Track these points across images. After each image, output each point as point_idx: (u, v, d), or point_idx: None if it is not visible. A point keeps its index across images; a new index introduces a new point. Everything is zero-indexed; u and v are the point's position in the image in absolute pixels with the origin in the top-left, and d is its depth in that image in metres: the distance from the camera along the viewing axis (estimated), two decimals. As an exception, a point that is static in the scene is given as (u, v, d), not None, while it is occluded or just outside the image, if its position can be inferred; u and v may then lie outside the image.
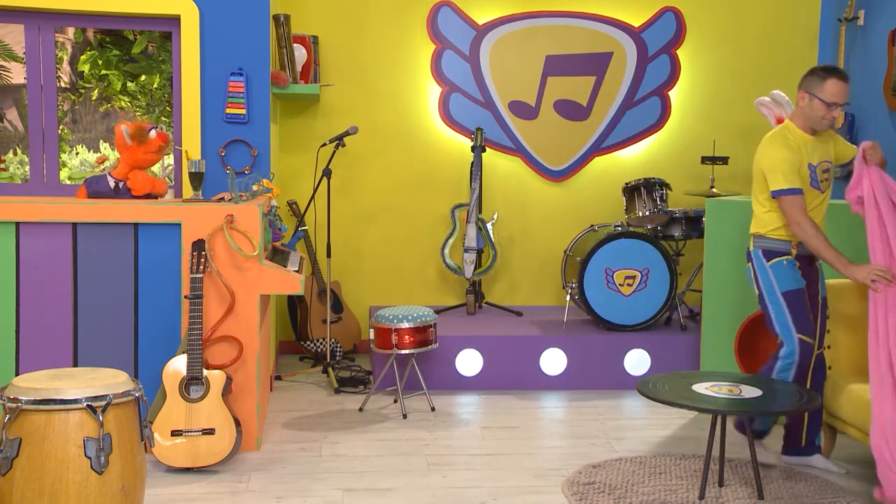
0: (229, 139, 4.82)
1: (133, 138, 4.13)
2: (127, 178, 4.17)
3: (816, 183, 3.85)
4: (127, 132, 4.13)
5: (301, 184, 5.82)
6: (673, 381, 3.60)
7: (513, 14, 5.99)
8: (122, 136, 4.13)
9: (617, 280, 5.29)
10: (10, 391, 2.75)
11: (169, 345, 3.98)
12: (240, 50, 4.79)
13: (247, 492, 3.54)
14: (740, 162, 5.96)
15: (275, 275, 3.96)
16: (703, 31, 6.11)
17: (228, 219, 3.90)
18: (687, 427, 4.49)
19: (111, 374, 2.94)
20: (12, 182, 5.10)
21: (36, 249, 3.92)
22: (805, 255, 3.91)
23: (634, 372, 5.21)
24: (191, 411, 3.70)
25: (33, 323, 3.93)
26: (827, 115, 3.77)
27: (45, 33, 4.79)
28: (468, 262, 5.73)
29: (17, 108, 11.76)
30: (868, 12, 5.42)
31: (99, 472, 2.72)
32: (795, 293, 3.84)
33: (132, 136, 4.12)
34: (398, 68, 5.97)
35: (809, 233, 3.72)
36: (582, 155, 6.11)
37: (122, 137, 4.13)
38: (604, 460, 3.94)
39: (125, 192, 4.17)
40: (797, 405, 3.36)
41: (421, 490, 3.59)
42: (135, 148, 4.14)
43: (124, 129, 4.14)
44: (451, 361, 5.11)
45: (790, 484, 3.68)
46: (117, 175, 4.18)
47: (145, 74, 9.85)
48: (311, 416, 4.60)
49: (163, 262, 3.99)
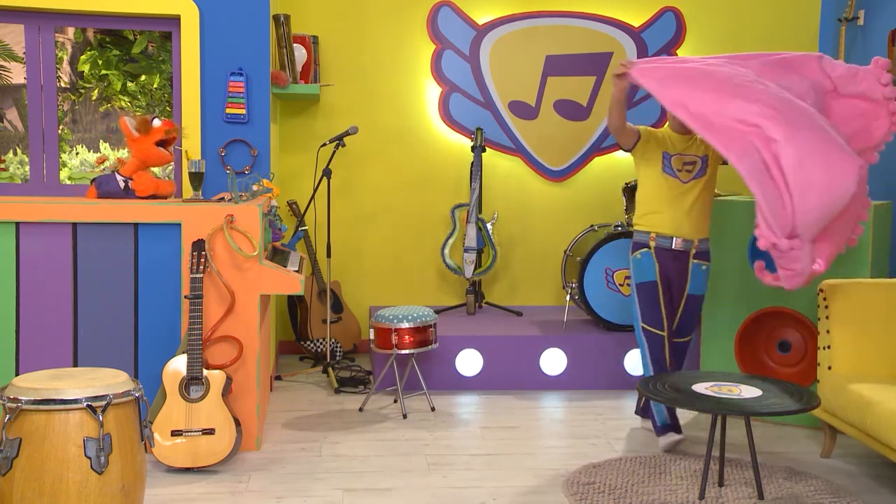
0: (229, 139, 4.82)
1: (139, 129, 4.12)
2: (132, 177, 4.16)
3: (671, 171, 4.13)
4: (132, 124, 4.13)
5: (301, 184, 5.82)
6: (673, 381, 3.60)
7: (513, 14, 5.99)
8: (129, 128, 4.12)
9: (617, 280, 5.29)
10: (10, 391, 2.75)
11: (169, 345, 3.98)
12: (240, 50, 4.79)
13: (247, 492, 3.54)
14: (740, 162, 5.96)
15: (275, 275, 3.96)
16: (703, 31, 6.11)
17: (228, 219, 3.90)
18: (687, 427, 4.49)
19: (111, 374, 2.94)
20: (12, 182, 5.10)
21: (36, 249, 3.92)
22: (666, 248, 4.12)
23: (634, 372, 5.21)
24: (191, 411, 3.70)
25: (33, 323, 3.93)
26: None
27: (45, 33, 4.79)
28: (468, 262, 5.73)
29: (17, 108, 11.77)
30: (868, 12, 5.41)
31: (99, 472, 2.72)
32: (646, 285, 4.16)
33: (137, 127, 4.12)
34: (398, 68, 5.97)
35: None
36: (582, 155, 6.11)
37: (129, 130, 4.12)
38: (604, 460, 3.94)
39: (133, 190, 4.16)
40: (797, 405, 3.36)
41: (421, 490, 3.59)
42: (141, 139, 4.13)
43: (129, 122, 4.14)
44: (451, 361, 5.11)
45: (790, 484, 3.68)
46: (126, 172, 4.17)
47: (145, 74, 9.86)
48: (311, 416, 4.60)
49: (163, 262, 3.99)
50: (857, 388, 3.71)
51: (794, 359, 4.55)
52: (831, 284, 4.05)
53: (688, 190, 4.13)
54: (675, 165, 4.13)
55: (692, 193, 4.13)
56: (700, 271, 4.19)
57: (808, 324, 4.43)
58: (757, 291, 4.56)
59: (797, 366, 4.54)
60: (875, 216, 4.33)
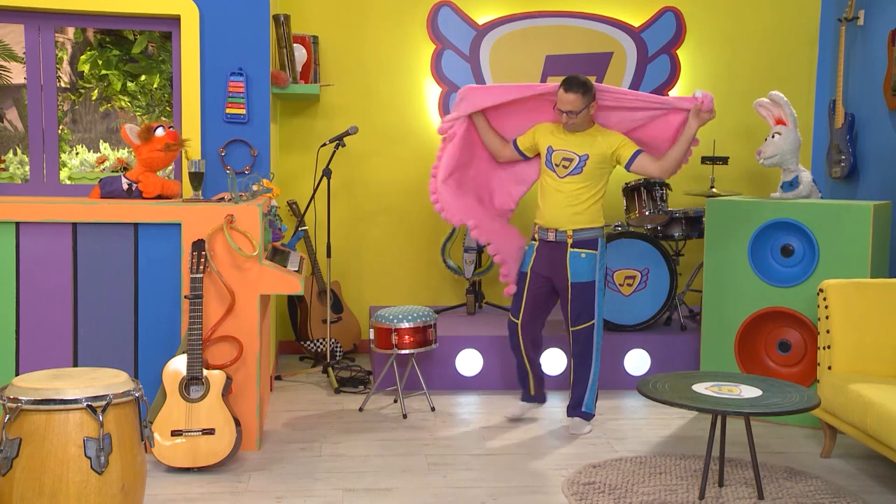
0: (229, 139, 4.82)
1: (140, 137, 4.14)
2: (139, 180, 4.18)
3: (551, 165, 4.34)
4: (133, 131, 4.15)
5: (301, 184, 5.82)
6: (673, 381, 3.60)
7: (513, 14, 5.99)
8: (129, 136, 4.15)
9: (617, 280, 5.29)
10: (10, 391, 2.75)
11: (169, 345, 3.98)
12: (240, 50, 4.79)
13: (247, 492, 3.54)
14: (740, 162, 5.96)
15: (275, 275, 3.96)
16: (703, 31, 6.11)
17: (228, 219, 3.90)
18: (687, 427, 4.49)
19: (111, 374, 2.94)
20: (12, 182, 5.09)
21: (36, 249, 3.92)
22: (544, 239, 4.34)
23: (634, 372, 5.21)
24: (191, 411, 3.70)
25: (33, 323, 3.93)
26: (561, 118, 4.26)
27: (45, 33, 4.79)
28: (468, 262, 5.73)
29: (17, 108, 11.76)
30: (868, 12, 5.41)
31: (99, 472, 2.72)
32: (519, 275, 4.47)
33: (139, 135, 4.14)
34: (398, 68, 5.97)
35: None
36: (582, 155, 6.10)
37: (129, 138, 4.15)
38: (604, 460, 3.94)
39: (138, 193, 4.18)
40: (797, 405, 3.36)
41: (421, 490, 3.59)
42: (141, 147, 4.15)
43: (129, 129, 4.15)
44: (451, 361, 5.11)
45: (790, 484, 3.68)
46: (131, 176, 4.20)
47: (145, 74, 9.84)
48: (311, 416, 4.60)
49: (163, 262, 3.99)
50: (857, 388, 3.71)
51: (794, 359, 4.56)
52: (831, 284, 4.05)
53: (563, 185, 4.29)
54: (555, 160, 4.31)
55: (567, 189, 4.28)
56: (579, 259, 4.28)
57: (808, 324, 4.43)
58: (757, 291, 4.56)
59: (797, 366, 4.54)
60: (875, 216, 4.33)
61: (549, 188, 4.34)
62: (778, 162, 4.71)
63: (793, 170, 4.72)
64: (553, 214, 4.32)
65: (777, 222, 4.52)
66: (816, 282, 4.35)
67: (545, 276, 4.37)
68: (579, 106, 4.19)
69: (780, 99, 4.69)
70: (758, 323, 4.59)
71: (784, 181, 4.75)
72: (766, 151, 4.70)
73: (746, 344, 4.63)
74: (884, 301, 4.00)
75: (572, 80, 4.21)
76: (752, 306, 4.57)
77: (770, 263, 4.58)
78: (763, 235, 4.56)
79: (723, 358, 4.69)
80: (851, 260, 4.33)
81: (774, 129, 4.70)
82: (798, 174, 4.71)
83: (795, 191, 4.69)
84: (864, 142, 5.41)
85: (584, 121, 4.27)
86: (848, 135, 5.45)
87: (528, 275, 4.40)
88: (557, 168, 4.31)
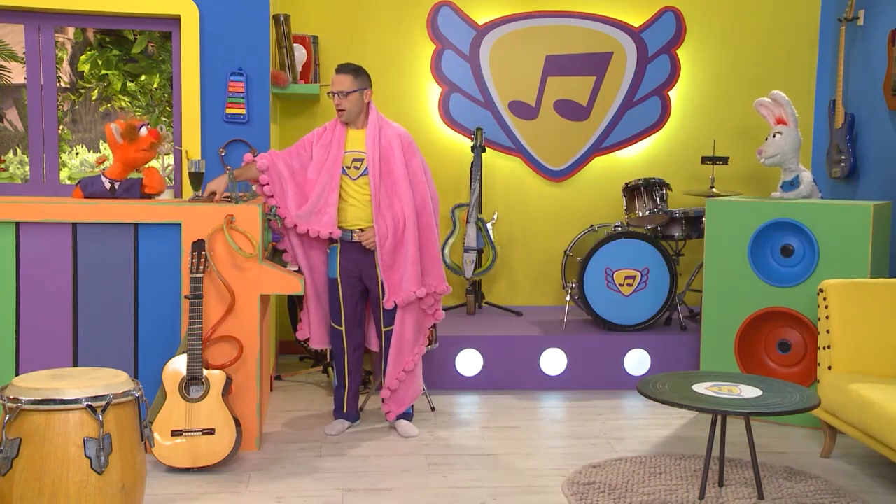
0: (229, 139, 4.82)
1: (124, 136, 4.14)
2: (122, 177, 4.19)
3: (343, 169, 4.20)
4: (117, 131, 4.14)
5: (301, 184, 5.81)
6: (673, 381, 3.60)
7: (513, 14, 5.99)
8: (113, 134, 4.14)
9: (617, 280, 5.29)
10: (10, 391, 2.75)
11: (169, 345, 3.98)
12: (240, 50, 4.79)
13: (247, 492, 3.54)
14: (740, 162, 5.96)
15: (275, 275, 3.96)
16: (703, 31, 6.11)
17: (228, 219, 3.90)
18: (687, 427, 4.49)
19: (111, 374, 2.94)
20: (12, 182, 5.10)
21: (36, 249, 3.92)
22: (349, 241, 4.21)
23: (634, 372, 5.21)
24: (191, 411, 3.70)
25: (33, 323, 3.93)
26: (334, 101, 4.19)
27: (45, 33, 4.79)
28: (468, 262, 5.73)
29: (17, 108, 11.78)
30: (868, 12, 5.41)
31: (99, 472, 2.72)
32: (330, 282, 4.28)
33: (123, 134, 4.14)
34: (398, 68, 5.97)
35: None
36: (582, 155, 6.11)
37: (113, 136, 4.14)
38: (604, 460, 3.94)
39: (121, 192, 4.17)
40: (797, 405, 3.36)
41: (421, 490, 3.59)
42: (126, 146, 4.15)
43: (114, 128, 4.15)
44: (451, 361, 5.11)
45: (790, 484, 3.68)
46: (111, 175, 4.18)
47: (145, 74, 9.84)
48: (311, 416, 4.60)
49: (163, 262, 3.99)
50: (857, 388, 3.71)
51: (794, 359, 4.56)
52: (831, 284, 4.05)
53: (359, 186, 4.20)
54: (346, 162, 4.22)
55: (364, 189, 4.19)
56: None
57: (808, 324, 4.43)
58: (757, 291, 4.56)
59: (797, 366, 4.54)
60: (875, 216, 4.33)
61: (346, 190, 4.23)
62: (779, 161, 4.71)
63: (793, 169, 4.72)
64: (356, 214, 4.21)
65: (777, 222, 4.52)
66: (816, 282, 4.35)
67: (356, 277, 4.25)
68: (349, 87, 4.17)
69: (782, 98, 4.69)
70: (758, 323, 4.59)
71: (785, 181, 4.75)
72: (767, 151, 4.70)
73: (746, 344, 4.63)
74: (884, 301, 4.00)
75: (343, 64, 4.26)
76: (752, 306, 4.57)
77: (770, 263, 4.58)
78: (763, 235, 4.56)
79: (723, 358, 4.69)
80: (851, 260, 4.33)
81: (775, 129, 4.71)
82: (799, 174, 4.71)
83: (796, 190, 4.69)
84: (864, 142, 5.41)
85: (357, 109, 4.22)
86: (848, 135, 5.45)
87: (339, 280, 4.25)
88: (350, 170, 4.21)
